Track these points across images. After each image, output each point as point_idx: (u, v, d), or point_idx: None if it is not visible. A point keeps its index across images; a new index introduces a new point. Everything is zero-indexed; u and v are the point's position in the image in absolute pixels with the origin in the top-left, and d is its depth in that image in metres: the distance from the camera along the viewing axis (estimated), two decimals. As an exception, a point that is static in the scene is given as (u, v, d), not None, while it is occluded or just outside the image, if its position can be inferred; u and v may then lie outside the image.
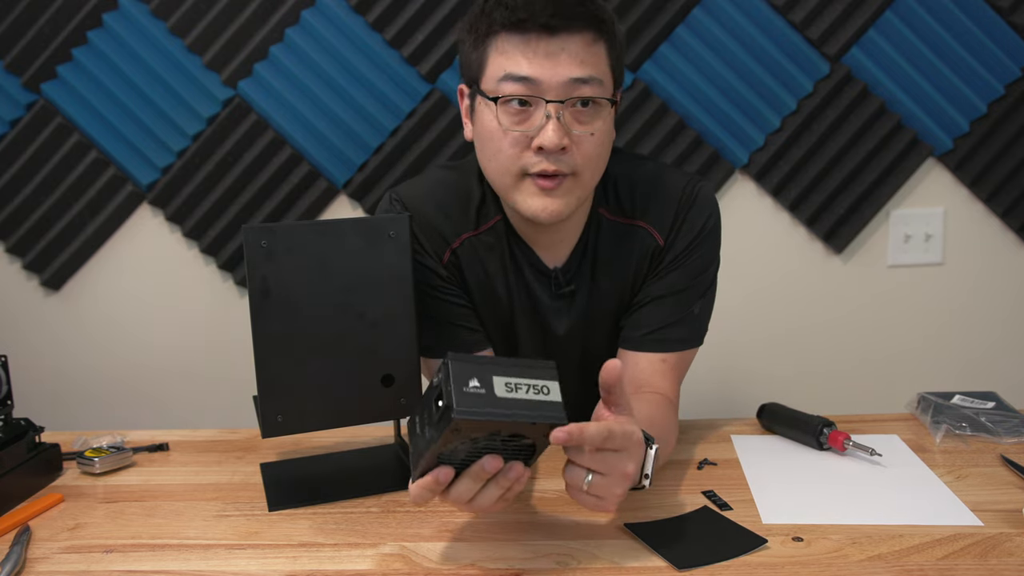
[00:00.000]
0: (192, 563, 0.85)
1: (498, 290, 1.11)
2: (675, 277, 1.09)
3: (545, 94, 0.94)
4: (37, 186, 1.84)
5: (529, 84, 0.94)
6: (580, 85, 0.94)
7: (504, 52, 0.95)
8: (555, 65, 0.93)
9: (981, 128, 1.82)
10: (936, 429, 1.10)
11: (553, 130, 0.94)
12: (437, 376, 0.75)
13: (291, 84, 1.79)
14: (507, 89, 0.95)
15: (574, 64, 0.94)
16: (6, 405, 1.03)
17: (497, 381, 0.74)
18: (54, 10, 1.77)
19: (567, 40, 0.94)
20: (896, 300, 1.90)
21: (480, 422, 0.73)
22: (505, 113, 0.96)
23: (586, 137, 0.97)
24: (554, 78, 0.93)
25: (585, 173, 0.99)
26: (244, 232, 0.91)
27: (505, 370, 0.75)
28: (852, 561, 0.81)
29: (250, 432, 1.19)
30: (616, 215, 1.10)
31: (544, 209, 0.98)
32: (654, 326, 1.10)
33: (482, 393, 0.73)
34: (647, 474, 0.86)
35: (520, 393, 0.74)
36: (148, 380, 1.94)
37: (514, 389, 0.74)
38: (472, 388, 0.73)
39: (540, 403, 0.75)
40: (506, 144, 0.97)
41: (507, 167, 0.98)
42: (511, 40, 0.95)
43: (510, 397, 0.74)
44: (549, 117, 0.94)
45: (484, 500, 0.79)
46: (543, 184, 0.97)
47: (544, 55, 0.93)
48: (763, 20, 1.77)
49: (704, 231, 1.09)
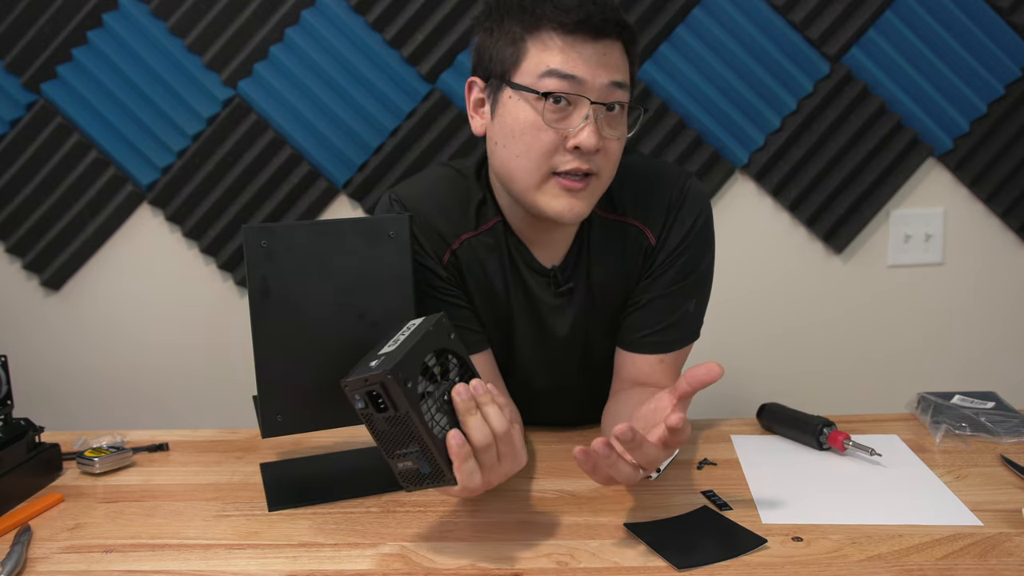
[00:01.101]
0: (192, 563, 0.85)
1: (497, 291, 1.11)
2: (669, 277, 1.10)
3: (588, 94, 0.95)
4: (37, 186, 1.84)
5: (574, 82, 0.95)
6: (616, 89, 0.96)
7: (548, 48, 0.95)
8: (598, 67, 0.95)
9: (981, 128, 1.82)
10: (936, 429, 1.10)
11: (591, 131, 0.95)
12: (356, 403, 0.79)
13: (291, 84, 1.79)
14: (551, 85, 0.95)
15: (613, 68, 0.96)
16: (6, 405, 1.03)
17: (384, 351, 0.82)
18: (54, 10, 1.78)
19: (608, 46, 0.96)
20: (896, 300, 1.90)
21: (411, 360, 0.79)
22: (549, 109, 0.96)
23: (613, 141, 0.98)
24: (597, 79, 0.95)
25: (605, 175, 1.01)
26: (244, 232, 0.91)
27: (379, 347, 0.84)
28: (852, 561, 0.81)
29: (250, 432, 1.20)
30: (607, 211, 1.10)
31: (571, 209, 0.99)
32: (650, 328, 1.10)
33: (383, 358, 0.79)
34: (659, 468, 0.88)
35: (401, 338, 0.83)
36: (148, 380, 1.94)
37: (395, 342, 0.83)
38: (375, 364, 0.79)
39: (417, 325, 0.86)
40: (542, 141, 0.97)
41: (536, 164, 0.98)
42: (557, 37, 0.95)
43: (400, 340, 0.83)
44: (588, 118, 0.95)
45: (498, 423, 0.81)
46: (570, 184, 0.98)
47: (589, 57, 0.95)
48: (763, 20, 1.77)
49: (695, 229, 1.09)
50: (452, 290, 1.09)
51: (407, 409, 0.77)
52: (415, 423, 0.77)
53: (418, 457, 0.79)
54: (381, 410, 0.78)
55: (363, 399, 0.78)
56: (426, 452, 0.79)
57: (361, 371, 0.79)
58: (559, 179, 0.98)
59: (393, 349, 0.81)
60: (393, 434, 0.79)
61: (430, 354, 0.82)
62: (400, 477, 0.81)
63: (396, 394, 0.77)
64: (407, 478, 0.81)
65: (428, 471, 0.80)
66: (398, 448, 0.80)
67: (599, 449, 0.80)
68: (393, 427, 0.79)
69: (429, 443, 0.78)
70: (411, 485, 0.81)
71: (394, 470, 0.81)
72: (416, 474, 0.80)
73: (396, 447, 0.80)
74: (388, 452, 0.80)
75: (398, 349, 0.80)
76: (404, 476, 0.81)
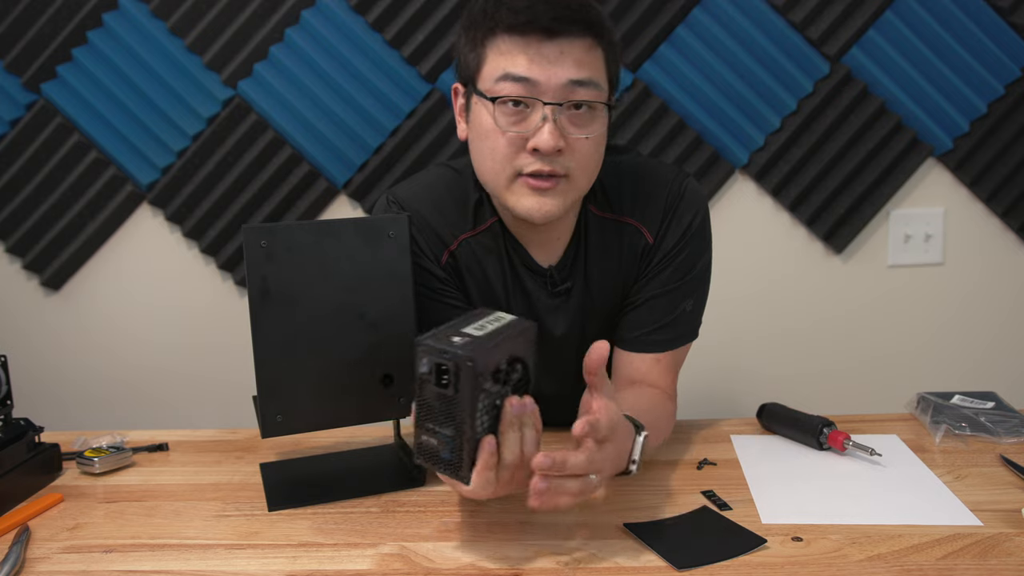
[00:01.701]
0: (192, 563, 0.85)
1: (496, 291, 1.11)
2: (666, 276, 1.10)
3: (542, 96, 0.94)
4: (37, 186, 1.84)
5: (527, 85, 0.94)
6: (577, 88, 0.95)
7: (503, 52, 0.95)
8: (553, 67, 0.94)
9: (981, 128, 1.82)
10: (936, 429, 1.10)
11: (549, 132, 0.94)
12: (420, 365, 0.77)
13: (291, 84, 1.79)
14: (505, 89, 0.95)
15: (572, 67, 0.94)
16: (6, 405, 1.03)
17: (469, 330, 0.79)
18: (54, 10, 1.78)
19: (566, 44, 0.94)
20: (896, 300, 1.90)
21: (494, 357, 0.77)
22: (502, 113, 0.96)
23: (581, 141, 0.97)
24: (552, 79, 0.94)
25: (579, 177, 0.99)
26: (244, 232, 0.91)
27: (465, 322, 0.81)
28: (851, 561, 0.81)
29: (250, 432, 1.19)
30: (604, 211, 1.10)
31: (539, 209, 0.98)
32: (647, 327, 1.10)
33: (468, 340, 0.77)
34: (634, 459, 0.88)
35: (489, 327, 0.80)
36: (148, 380, 1.94)
37: (483, 327, 0.80)
38: (459, 342, 0.76)
39: (510, 322, 0.82)
40: (502, 144, 0.97)
41: (501, 167, 0.98)
42: (511, 41, 0.95)
43: (489, 330, 0.80)
44: (546, 119, 0.94)
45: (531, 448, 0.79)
46: (536, 184, 0.97)
47: (543, 57, 0.94)
48: (763, 20, 1.77)
49: (692, 228, 1.09)
50: (450, 291, 1.09)
51: (465, 399, 0.76)
52: (462, 413, 0.76)
53: (445, 441, 0.78)
54: (441, 385, 0.77)
55: (429, 366, 0.77)
56: (456, 442, 0.78)
57: (441, 340, 0.77)
58: (525, 179, 0.98)
59: (480, 335, 0.79)
60: (436, 409, 0.78)
61: (509, 357, 0.81)
62: (417, 449, 0.80)
63: (465, 381, 0.75)
64: (425, 453, 0.80)
65: (447, 458, 0.79)
66: (433, 423, 0.78)
67: (540, 487, 0.78)
68: (440, 404, 0.77)
69: (464, 436, 0.77)
70: (425, 461, 0.80)
71: (415, 439, 0.80)
72: (434, 455, 0.79)
73: (431, 422, 0.78)
74: (420, 422, 0.79)
75: (485, 338, 0.78)
76: (422, 450, 0.80)
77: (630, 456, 0.89)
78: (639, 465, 0.89)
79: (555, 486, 0.79)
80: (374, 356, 0.97)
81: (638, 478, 0.99)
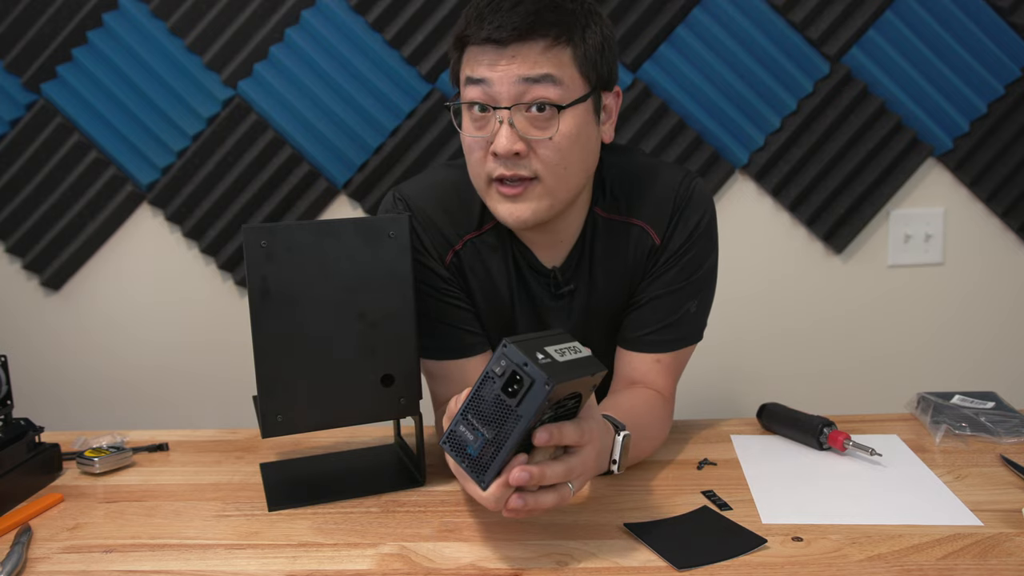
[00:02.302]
0: (192, 563, 0.85)
1: (500, 291, 1.11)
2: (671, 276, 1.09)
3: (498, 100, 0.96)
4: (37, 186, 1.84)
5: (484, 87, 0.96)
6: (532, 85, 0.95)
7: (468, 59, 0.99)
8: (507, 67, 0.95)
9: (981, 128, 1.82)
10: (936, 429, 1.10)
11: (505, 136, 0.95)
12: (497, 365, 0.76)
13: (291, 84, 1.79)
14: (468, 94, 0.98)
15: (525, 66, 0.95)
16: (6, 405, 1.03)
17: (550, 350, 0.78)
18: (54, 10, 1.78)
19: (521, 47, 0.95)
20: (896, 300, 1.90)
21: (565, 387, 0.76)
22: (469, 120, 0.99)
23: (544, 142, 0.97)
24: (504, 79, 0.95)
25: (548, 178, 0.98)
26: (244, 232, 0.91)
27: (548, 341, 0.80)
28: (852, 561, 0.81)
29: (250, 432, 1.20)
30: (611, 213, 1.09)
31: (511, 215, 1.00)
32: (649, 327, 1.10)
33: (550, 362, 0.77)
34: (615, 459, 0.88)
35: (568, 355, 0.80)
36: (148, 380, 1.94)
37: (563, 353, 0.80)
38: (542, 360, 0.76)
39: (586, 359, 0.82)
40: (474, 151, 1.00)
41: (477, 173, 1.01)
42: (477, 50, 0.97)
43: (568, 359, 0.79)
44: (501, 123, 0.96)
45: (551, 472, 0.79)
46: (505, 191, 0.99)
47: (497, 57, 0.95)
48: (763, 20, 1.77)
49: (699, 229, 1.09)
50: (454, 291, 1.09)
51: (524, 415, 0.75)
52: (515, 426, 0.76)
53: (480, 440, 0.77)
54: (507, 392, 0.76)
55: (506, 370, 0.76)
56: (490, 446, 0.77)
57: (529, 352, 0.76)
58: (496, 184, 0.99)
59: (561, 362, 0.78)
60: (488, 410, 0.77)
61: (572, 392, 0.80)
62: (448, 435, 0.79)
63: (533, 400, 0.75)
64: (453, 442, 0.79)
65: (473, 455, 0.78)
66: (476, 419, 0.77)
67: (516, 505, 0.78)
68: (494, 408, 0.76)
69: (502, 445, 0.76)
70: (450, 449, 0.79)
71: (450, 426, 0.79)
72: (461, 447, 0.78)
73: (476, 417, 0.77)
74: (464, 413, 0.78)
75: (565, 367, 0.77)
76: (452, 438, 0.79)
77: (611, 456, 0.89)
78: (621, 465, 0.88)
79: (531, 501, 0.78)
80: (374, 356, 0.97)
81: (638, 478, 0.99)
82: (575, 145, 0.99)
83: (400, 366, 0.98)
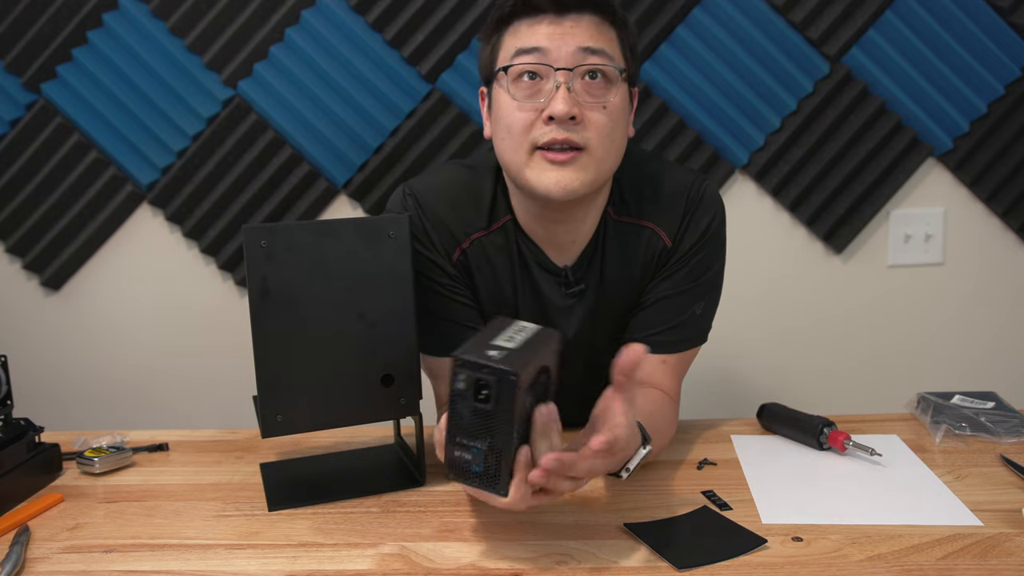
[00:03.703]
0: (192, 563, 0.85)
1: (505, 291, 1.11)
2: (679, 277, 1.09)
3: (554, 63, 0.96)
4: (37, 186, 1.84)
5: (538, 54, 0.96)
6: (590, 55, 0.96)
7: (516, 34, 0.98)
8: (564, 35, 0.96)
9: (981, 128, 1.82)
10: (936, 429, 1.10)
11: (562, 99, 0.94)
12: (458, 381, 0.76)
13: (291, 84, 1.79)
14: (518, 62, 0.97)
15: (583, 37, 0.96)
16: (6, 405, 1.03)
17: (499, 342, 0.79)
18: (54, 10, 1.77)
19: (577, 19, 0.96)
20: (896, 300, 1.90)
21: (530, 369, 0.76)
22: (517, 88, 0.98)
23: (598, 109, 0.97)
24: (563, 47, 0.95)
25: (598, 149, 0.98)
26: (244, 232, 0.91)
27: (493, 334, 0.81)
28: (852, 561, 0.81)
29: (250, 432, 1.20)
30: (622, 215, 1.09)
31: (558, 183, 0.97)
32: (656, 328, 1.10)
33: (505, 353, 0.77)
34: (628, 468, 0.87)
35: (519, 338, 0.80)
36: (148, 380, 1.94)
37: (512, 338, 0.80)
38: (496, 356, 0.76)
39: (537, 333, 0.82)
40: (518, 119, 0.98)
41: (519, 142, 0.98)
42: (523, 23, 0.98)
43: (521, 342, 0.79)
44: (558, 86, 0.95)
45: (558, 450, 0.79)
46: (554, 157, 0.97)
47: (553, 29, 0.96)
48: (763, 20, 1.77)
49: (709, 231, 1.09)
50: (459, 288, 1.09)
51: (506, 412, 0.75)
52: (503, 426, 0.75)
53: (478, 455, 0.77)
54: (479, 400, 0.75)
55: (468, 382, 0.75)
56: (489, 454, 0.76)
57: (478, 355, 0.75)
58: (543, 152, 0.98)
59: (513, 348, 0.78)
60: (470, 424, 0.76)
61: (539, 367, 0.80)
62: (449, 464, 0.78)
63: (506, 395, 0.74)
64: (456, 469, 0.78)
65: (479, 471, 0.77)
66: (465, 438, 0.77)
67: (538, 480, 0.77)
68: (476, 418, 0.76)
69: (503, 449, 0.76)
70: (457, 477, 0.79)
71: (446, 455, 0.78)
72: (466, 469, 0.78)
73: (464, 436, 0.77)
74: (452, 437, 0.77)
75: (519, 351, 0.77)
76: (454, 465, 0.78)
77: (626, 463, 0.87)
78: (632, 473, 0.88)
79: (551, 484, 0.78)
80: (374, 356, 0.97)
81: (638, 478, 0.99)
82: (621, 120, 1.00)
83: (400, 366, 0.98)
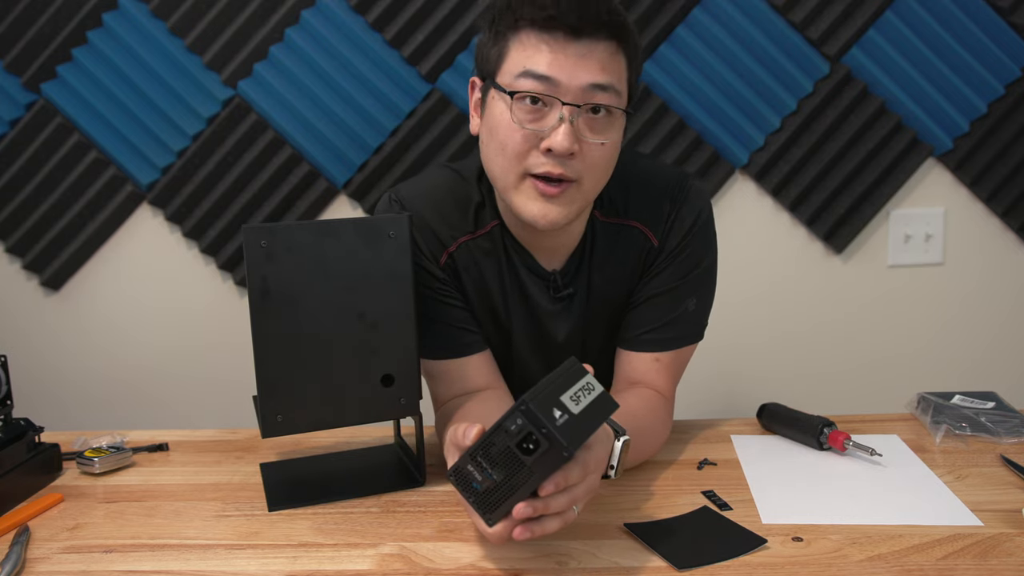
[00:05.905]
0: (192, 563, 0.85)
1: (494, 295, 1.10)
2: (667, 275, 1.09)
3: (562, 96, 0.92)
4: (37, 186, 1.84)
5: (547, 83, 0.92)
6: (598, 92, 0.93)
7: (526, 48, 0.93)
8: (576, 68, 0.92)
9: (981, 128, 1.82)
10: (936, 429, 1.10)
11: (564, 134, 0.92)
12: (512, 422, 0.74)
13: (291, 84, 1.79)
14: (524, 85, 0.93)
15: (595, 70, 0.92)
16: (6, 405, 1.03)
17: (565, 400, 0.76)
18: (54, 10, 1.78)
19: (591, 46, 0.92)
20: (896, 300, 1.90)
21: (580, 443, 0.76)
22: (519, 109, 0.94)
23: (596, 146, 0.95)
24: (573, 81, 0.92)
25: (587, 182, 0.97)
26: (244, 232, 0.91)
27: (562, 385, 0.78)
28: (852, 561, 0.81)
29: (250, 432, 1.19)
30: (609, 216, 1.09)
31: (544, 216, 0.97)
32: (647, 326, 1.10)
33: (568, 418, 0.75)
34: (612, 465, 0.86)
35: (583, 400, 0.78)
36: (148, 380, 1.94)
37: (578, 398, 0.77)
38: (559, 418, 0.74)
39: (599, 398, 0.79)
40: (515, 141, 0.95)
41: (511, 164, 0.96)
42: (534, 36, 0.93)
43: (582, 408, 0.77)
44: (563, 120, 0.92)
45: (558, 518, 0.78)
46: (544, 189, 0.95)
47: (566, 56, 0.92)
48: (763, 20, 1.77)
49: (695, 227, 1.08)
50: (449, 291, 1.08)
51: (539, 473, 0.74)
52: (525, 478, 0.74)
53: (488, 481, 0.76)
54: (522, 449, 0.74)
55: (521, 430, 0.73)
56: (499, 489, 0.76)
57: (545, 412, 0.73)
58: (534, 181, 0.96)
59: (576, 414, 0.76)
60: (499, 457, 0.75)
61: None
62: (455, 470, 0.78)
63: (550, 462, 0.74)
64: (459, 478, 0.78)
65: (480, 490, 0.77)
66: (487, 463, 0.76)
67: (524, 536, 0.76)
68: (507, 458, 0.75)
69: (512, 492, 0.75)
70: (456, 483, 0.78)
71: (458, 462, 0.78)
72: (467, 483, 0.77)
73: (487, 461, 0.76)
74: (474, 453, 0.76)
75: (580, 419, 0.76)
76: (458, 474, 0.78)
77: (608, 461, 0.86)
78: (618, 471, 0.86)
79: (537, 530, 0.77)
80: (374, 356, 0.97)
81: (638, 478, 0.99)
82: (616, 151, 0.99)
83: (400, 366, 0.98)
